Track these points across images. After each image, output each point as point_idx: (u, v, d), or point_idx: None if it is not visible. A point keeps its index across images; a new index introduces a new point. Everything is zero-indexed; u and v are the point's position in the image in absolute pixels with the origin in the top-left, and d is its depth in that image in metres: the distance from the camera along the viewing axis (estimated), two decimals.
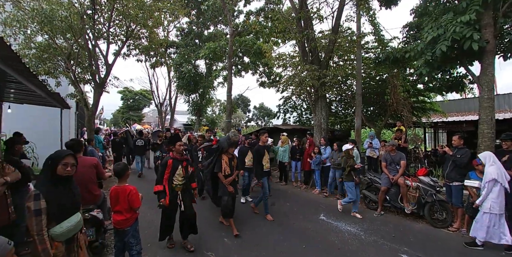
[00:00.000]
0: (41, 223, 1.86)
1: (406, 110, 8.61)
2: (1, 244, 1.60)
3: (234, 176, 4.54)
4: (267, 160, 5.29)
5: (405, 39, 9.21)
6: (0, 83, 4.47)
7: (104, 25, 8.59)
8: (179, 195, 3.69)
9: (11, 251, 1.63)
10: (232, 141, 4.52)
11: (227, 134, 4.63)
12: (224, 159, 4.48)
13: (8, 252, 1.61)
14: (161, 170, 3.65)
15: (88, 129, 8.28)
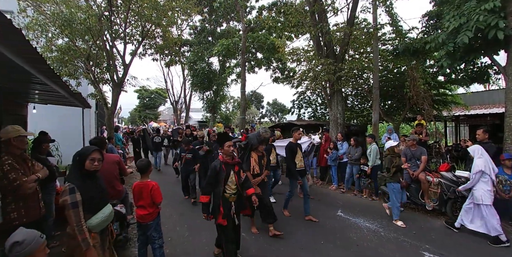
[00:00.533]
0: (79, 215, 1.97)
1: (426, 104, 8.31)
2: (34, 237, 1.68)
3: (263, 175, 4.20)
4: (300, 158, 4.89)
5: (425, 29, 8.85)
6: (26, 84, 4.69)
7: (121, 26, 8.79)
8: (232, 207, 3.13)
9: (43, 244, 1.71)
10: (262, 137, 4.26)
11: (257, 130, 4.55)
12: (253, 157, 4.18)
13: (40, 245, 1.69)
14: (210, 176, 3.08)
15: (108, 127, 8.56)
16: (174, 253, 3.59)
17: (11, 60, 2.61)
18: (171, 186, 7.17)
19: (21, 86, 4.95)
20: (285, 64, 16.13)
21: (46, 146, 3.97)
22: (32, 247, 1.60)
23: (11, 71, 3.46)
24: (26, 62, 2.85)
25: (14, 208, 2.40)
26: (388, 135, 7.64)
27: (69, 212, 1.97)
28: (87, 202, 2.08)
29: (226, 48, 14.75)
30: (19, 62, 2.69)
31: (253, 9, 16.79)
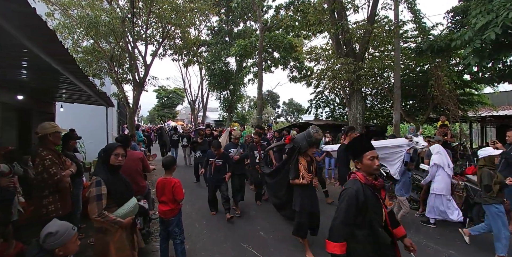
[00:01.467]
0: (101, 207, 2.07)
1: (451, 104, 7.97)
2: (67, 229, 1.77)
3: (311, 175, 3.55)
4: None
5: (450, 26, 8.50)
6: (55, 84, 4.94)
7: (142, 28, 9.05)
8: None
9: (75, 235, 1.79)
10: (314, 139, 3.53)
11: (306, 130, 3.69)
12: (301, 163, 3.56)
13: (72, 237, 1.77)
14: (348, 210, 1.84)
15: (130, 125, 8.83)
16: (194, 248, 3.67)
17: (45, 61, 2.76)
18: (189, 183, 7.32)
19: (50, 86, 5.22)
20: (302, 64, 16.01)
21: (73, 142, 4.15)
22: (65, 238, 1.68)
23: (45, 72, 3.66)
24: (58, 63, 3.01)
25: (51, 201, 2.54)
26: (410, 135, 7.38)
27: (93, 203, 2.07)
28: (114, 195, 2.18)
29: (243, 49, 14.83)
30: (52, 63, 2.84)
31: (270, 8, 16.76)
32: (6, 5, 1.67)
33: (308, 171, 3.54)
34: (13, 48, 2.61)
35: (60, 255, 1.67)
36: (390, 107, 11.21)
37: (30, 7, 1.78)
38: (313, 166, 3.70)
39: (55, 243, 1.65)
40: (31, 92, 5.51)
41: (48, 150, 2.61)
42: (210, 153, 4.86)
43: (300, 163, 3.57)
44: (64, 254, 1.69)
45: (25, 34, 2.19)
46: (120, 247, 2.14)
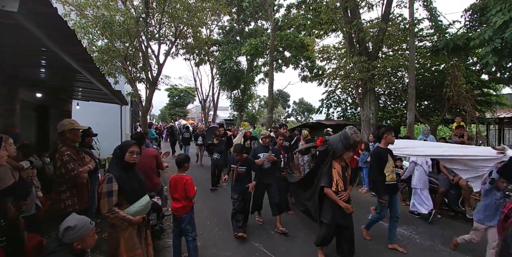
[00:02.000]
0: (111, 203, 2.11)
1: (468, 104, 7.73)
2: (85, 223, 1.80)
3: (347, 192, 3.20)
4: (391, 168, 3.72)
5: (468, 24, 8.24)
6: (72, 82, 5.08)
7: (155, 27, 9.18)
8: None
9: (92, 230, 1.82)
10: (352, 141, 3.09)
11: (342, 131, 3.28)
12: (335, 168, 3.16)
13: (90, 231, 1.81)
14: None
15: (143, 123, 8.99)
16: (205, 246, 3.70)
17: (64, 60, 2.84)
18: (201, 180, 7.37)
19: (67, 84, 5.37)
20: (314, 63, 15.86)
21: (89, 139, 4.26)
22: (83, 232, 1.72)
23: (63, 71, 3.76)
24: (77, 62, 3.09)
25: (68, 196, 2.61)
26: (424, 137, 7.22)
27: (103, 200, 2.10)
28: (127, 192, 2.21)
29: (254, 48, 14.82)
30: (71, 62, 2.92)
31: (281, 7, 16.67)
32: (29, 5, 1.72)
33: (343, 177, 3.13)
34: (34, 47, 2.70)
35: (78, 248, 1.70)
36: (404, 107, 10.97)
37: (53, 7, 1.83)
38: (348, 172, 3.26)
39: (73, 237, 1.69)
40: (49, 90, 5.68)
41: (67, 146, 2.68)
42: (232, 158, 4.16)
43: (334, 168, 3.15)
44: (82, 247, 1.73)
45: (46, 34, 2.26)
46: (130, 245, 2.16)
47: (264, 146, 4.54)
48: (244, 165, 4.04)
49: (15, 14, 1.67)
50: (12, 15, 1.68)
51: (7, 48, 2.78)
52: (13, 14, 1.66)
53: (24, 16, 1.84)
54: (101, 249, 3.37)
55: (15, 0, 1.56)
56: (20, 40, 2.49)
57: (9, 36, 2.35)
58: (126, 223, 2.14)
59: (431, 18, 8.76)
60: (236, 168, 4.01)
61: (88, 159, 2.94)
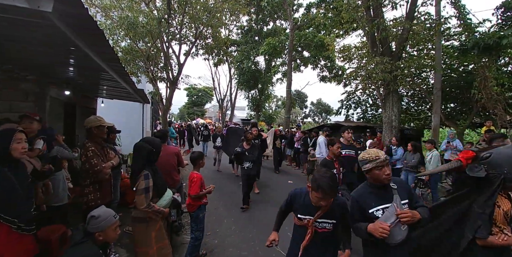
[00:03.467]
0: (149, 198, 2.21)
1: (499, 108, 7.29)
2: (108, 215, 1.81)
3: None
4: None
5: (500, 23, 7.79)
6: (97, 81, 5.28)
7: (176, 28, 9.37)
8: None
9: (115, 223, 1.82)
10: None
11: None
12: (501, 206, 1.83)
13: (112, 224, 1.80)
14: None
15: (163, 122, 9.20)
16: (222, 244, 3.73)
17: (92, 59, 2.94)
18: (219, 179, 7.45)
19: (93, 82, 5.58)
20: (333, 63, 15.60)
21: (113, 136, 4.38)
22: (105, 224, 1.76)
23: (90, 69, 3.91)
24: (104, 61, 3.19)
25: (91, 190, 2.71)
26: (450, 140, 6.89)
27: (141, 196, 2.17)
28: (157, 187, 2.31)
29: (273, 47, 14.77)
30: (99, 61, 3.02)
31: (301, 6, 16.53)
32: (62, 5, 1.79)
33: (509, 222, 1.86)
34: (64, 46, 2.81)
35: (100, 240, 1.74)
36: (428, 110, 10.53)
37: (84, 7, 1.90)
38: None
39: (96, 227, 1.74)
40: (76, 88, 5.93)
41: (93, 142, 2.78)
42: (301, 205, 2.04)
43: (498, 206, 1.85)
44: (104, 239, 1.75)
45: (76, 33, 2.35)
46: (160, 235, 2.28)
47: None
48: (331, 217, 1.98)
49: (49, 14, 1.74)
50: (47, 15, 1.75)
51: (39, 47, 2.92)
52: (47, 14, 1.72)
53: (57, 16, 1.91)
54: (121, 242, 3.47)
55: (49, 1, 1.62)
56: (52, 39, 2.60)
57: (42, 35, 2.45)
58: (160, 215, 2.26)
59: (459, 16, 8.35)
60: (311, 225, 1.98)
61: (113, 155, 3.03)
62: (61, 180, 3.28)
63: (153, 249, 2.21)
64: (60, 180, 3.26)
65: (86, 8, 1.93)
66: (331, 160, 3.70)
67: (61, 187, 3.23)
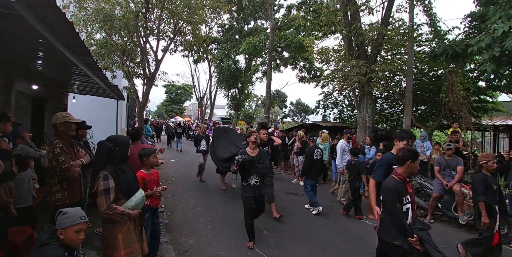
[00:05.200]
0: (110, 200, 2.08)
1: (465, 111, 7.81)
2: (74, 215, 1.71)
3: None
4: None
5: (467, 31, 8.32)
6: (68, 76, 5.01)
7: (154, 23, 9.10)
8: None
9: (78, 225, 1.70)
10: None
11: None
12: None
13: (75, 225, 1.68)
14: None
15: (139, 119, 8.92)
16: (198, 243, 3.69)
17: (62, 53, 2.79)
18: (195, 177, 7.35)
19: (64, 77, 5.30)
20: (312, 64, 15.92)
21: (83, 132, 4.16)
22: (67, 222, 1.67)
23: (60, 63, 3.71)
24: (74, 55, 3.04)
25: (58, 189, 2.57)
26: (421, 142, 7.28)
27: (101, 197, 2.06)
28: (124, 188, 2.20)
29: (253, 46, 14.80)
30: (69, 55, 2.87)
31: (282, 7, 16.70)
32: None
33: None
34: (31, 38, 2.65)
35: (61, 239, 1.66)
36: (401, 111, 11.04)
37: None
38: None
39: (58, 223, 1.66)
40: (45, 82, 5.60)
41: (61, 139, 2.64)
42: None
43: None
44: (64, 239, 1.66)
45: (44, 25, 2.22)
46: (128, 239, 2.14)
47: None
48: None
49: (13, 4, 1.63)
50: (11, 5, 1.64)
51: (4, 39, 2.73)
52: (11, 4, 1.62)
53: (23, 6, 1.80)
54: (92, 244, 3.34)
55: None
56: (18, 31, 2.44)
57: (7, 26, 2.30)
58: (125, 217, 2.13)
59: (430, 23, 8.81)
60: None
61: (83, 153, 2.90)
62: (26, 180, 3.09)
63: (120, 253, 2.09)
64: (25, 180, 3.07)
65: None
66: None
67: (26, 188, 3.05)
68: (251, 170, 3.66)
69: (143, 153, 2.94)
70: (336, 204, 5.90)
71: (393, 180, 2.42)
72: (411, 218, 2.43)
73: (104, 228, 2.21)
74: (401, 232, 2.33)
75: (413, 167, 2.42)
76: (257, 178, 3.72)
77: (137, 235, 2.27)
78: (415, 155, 2.42)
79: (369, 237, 4.23)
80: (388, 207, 2.42)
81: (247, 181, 3.72)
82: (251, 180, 3.71)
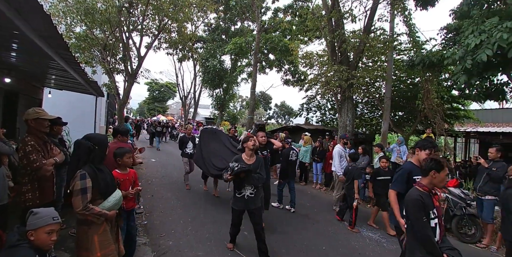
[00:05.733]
0: (86, 200, 2.01)
1: (438, 117, 8.22)
2: (46, 215, 1.64)
3: None
4: None
5: (443, 42, 8.76)
6: (45, 69, 4.78)
7: (138, 19, 8.89)
8: None
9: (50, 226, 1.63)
10: None
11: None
12: None
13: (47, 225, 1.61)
14: None
15: (119, 117, 8.66)
16: (177, 245, 3.62)
17: (37, 45, 2.67)
18: (177, 178, 7.22)
19: (39, 71, 5.05)
20: (296, 67, 16.15)
21: (58, 128, 3.95)
22: (38, 223, 1.61)
23: (35, 56, 3.54)
24: (50, 48, 2.92)
25: (29, 189, 2.45)
26: (397, 146, 7.58)
27: (77, 197, 1.99)
28: (101, 187, 2.13)
29: (239, 47, 14.82)
30: (44, 48, 2.75)
31: (269, 10, 16.85)
32: None
33: None
34: (5, 30, 2.51)
35: (32, 241, 1.59)
36: (380, 116, 11.43)
37: None
38: None
39: (29, 224, 1.60)
40: (19, 76, 5.32)
41: (33, 136, 2.51)
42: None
43: None
44: (35, 240, 1.59)
45: (18, 15, 2.12)
46: (104, 240, 2.08)
47: None
48: None
49: None
50: None
51: None
52: None
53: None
54: (66, 245, 3.20)
55: None
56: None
57: None
58: (102, 218, 2.06)
59: (409, 33, 9.21)
60: None
61: (57, 151, 2.77)
62: (1, 177, 2.91)
63: (97, 254, 2.02)
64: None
65: None
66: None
67: (1, 185, 2.88)
68: (246, 180, 3.25)
69: (117, 152, 2.82)
70: (315, 206, 6.01)
71: (418, 191, 2.21)
72: (439, 235, 2.20)
73: (78, 230, 2.13)
74: (429, 250, 2.10)
75: (438, 178, 2.19)
76: (252, 189, 3.32)
77: (113, 236, 2.21)
78: (439, 164, 2.19)
79: (346, 238, 4.34)
80: (413, 221, 2.18)
81: (241, 192, 3.33)
82: (245, 191, 3.31)
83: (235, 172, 3.11)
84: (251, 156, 3.43)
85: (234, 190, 3.40)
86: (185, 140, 6.56)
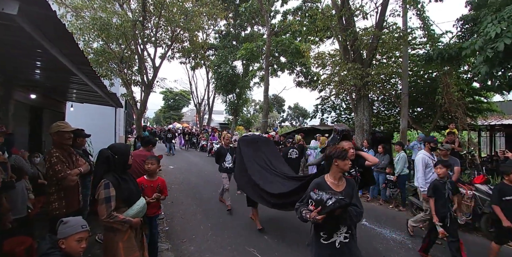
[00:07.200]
0: (110, 209, 2.08)
1: (460, 112, 7.89)
2: (75, 224, 1.71)
3: None
4: None
5: (460, 34, 8.45)
6: (66, 84, 5.05)
7: (152, 30, 9.21)
8: None
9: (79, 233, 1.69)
10: None
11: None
12: None
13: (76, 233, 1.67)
14: None
15: (137, 126, 8.95)
16: (199, 250, 3.67)
17: (60, 62, 2.83)
18: (196, 184, 7.33)
19: (62, 86, 5.33)
20: (308, 69, 16.05)
21: (81, 140, 4.14)
22: (68, 231, 1.67)
23: (58, 72, 3.75)
24: (73, 64, 3.08)
25: (56, 199, 2.57)
26: (418, 143, 7.33)
27: (102, 206, 2.07)
28: (125, 196, 2.21)
29: (250, 52, 14.95)
30: (68, 64, 2.91)
31: (278, 13, 16.93)
32: (29, 7, 1.73)
33: None
34: (30, 48, 2.69)
35: (63, 249, 1.65)
36: (397, 114, 11.11)
37: (52, 10, 1.84)
38: None
39: (60, 233, 1.66)
40: (43, 91, 5.64)
41: (58, 148, 2.65)
42: None
43: None
44: (66, 248, 1.65)
45: (43, 35, 2.26)
46: (129, 247, 2.15)
47: None
48: None
49: (15, 17, 1.67)
50: (12, 17, 1.68)
51: (4, 49, 2.77)
52: (12, 17, 1.66)
53: (23, 18, 1.84)
54: (92, 252, 3.33)
55: (15, 3, 1.57)
56: (18, 41, 2.49)
57: (7, 37, 2.34)
58: (127, 225, 2.14)
59: (424, 27, 8.95)
60: None
61: (82, 161, 2.90)
62: (20, 190, 3.08)
63: None
64: (19, 190, 3.07)
65: (54, 11, 1.88)
66: None
67: (20, 198, 3.05)
68: (341, 217, 2.08)
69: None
70: None
71: None
72: None
73: (105, 237, 2.22)
74: None
75: None
76: (346, 232, 2.18)
77: (138, 243, 2.27)
78: None
79: (369, 240, 4.22)
80: None
81: (330, 237, 2.17)
82: (337, 236, 2.16)
83: (330, 208, 1.94)
84: (340, 179, 2.29)
85: (317, 234, 2.22)
86: (223, 151, 5.61)
